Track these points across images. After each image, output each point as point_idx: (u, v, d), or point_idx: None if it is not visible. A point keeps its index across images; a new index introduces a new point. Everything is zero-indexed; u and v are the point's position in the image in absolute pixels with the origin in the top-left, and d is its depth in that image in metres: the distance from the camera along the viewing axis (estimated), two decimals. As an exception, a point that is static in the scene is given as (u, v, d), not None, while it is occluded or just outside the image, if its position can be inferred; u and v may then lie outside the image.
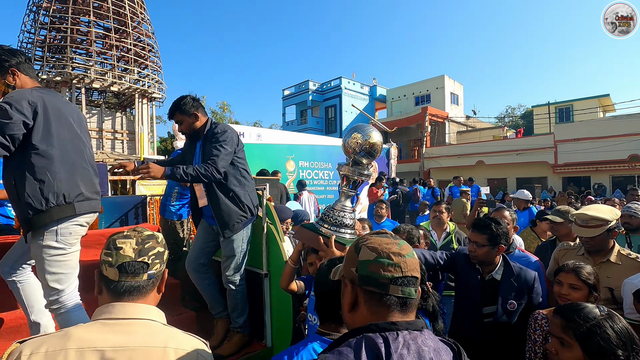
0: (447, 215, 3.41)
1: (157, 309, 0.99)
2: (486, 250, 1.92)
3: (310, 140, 10.20)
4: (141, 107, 19.71)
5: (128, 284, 0.94)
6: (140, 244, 0.98)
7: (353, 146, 1.82)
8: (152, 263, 0.97)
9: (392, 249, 0.82)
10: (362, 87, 28.86)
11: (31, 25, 18.24)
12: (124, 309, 0.92)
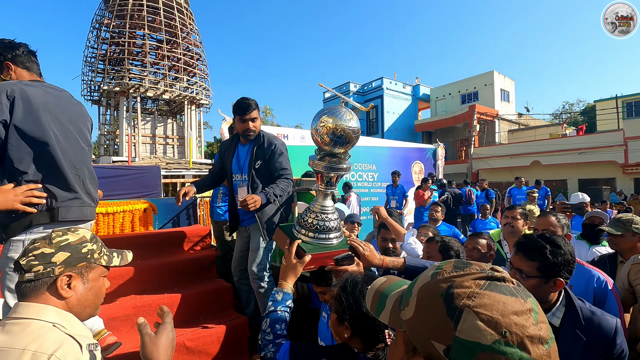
0: (523, 222, 2.75)
1: (59, 310, 0.96)
2: (535, 284, 1.35)
3: (354, 141, 10.03)
4: (190, 113, 20.71)
5: (20, 283, 0.97)
6: (31, 243, 0.99)
7: (323, 133, 1.44)
8: (27, 264, 0.95)
9: (526, 329, 0.48)
10: (405, 87, 28.13)
11: (94, 40, 19.91)
12: (26, 309, 0.93)
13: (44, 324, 0.90)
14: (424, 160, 10.74)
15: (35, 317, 0.91)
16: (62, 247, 0.98)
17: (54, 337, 0.87)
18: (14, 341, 0.84)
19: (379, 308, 0.65)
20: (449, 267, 0.57)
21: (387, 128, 26.40)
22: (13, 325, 0.89)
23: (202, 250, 2.97)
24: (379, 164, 9.95)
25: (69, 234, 1.03)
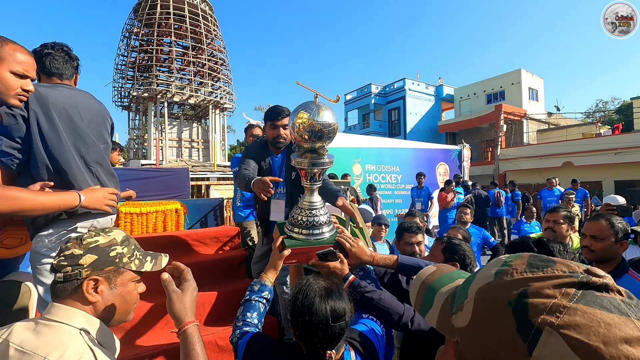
0: (567, 227, 2.55)
1: (88, 315, 0.95)
2: None
3: (377, 143, 9.94)
4: (214, 117, 21.19)
5: (53, 282, 0.96)
6: (65, 243, 1.00)
7: (301, 129, 1.45)
8: (58, 263, 0.95)
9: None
10: (427, 88, 27.68)
11: (124, 49, 20.74)
12: (58, 311, 0.93)
13: (71, 329, 0.90)
14: (449, 162, 10.51)
15: (64, 321, 0.91)
16: (91, 249, 0.96)
17: (76, 348, 0.86)
18: (39, 346, 0.84)
19: (425, 305, 0.52)
20: (520, 264, 0.43)
21: (409, 129, 26.04)
22: (44, 327, 0.89)
23: (231, 250, 3.02)
24: (402, 166, 9.82)
25: (100, 235, 1.00)
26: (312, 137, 1.46)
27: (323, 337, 1.07)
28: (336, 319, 1.08)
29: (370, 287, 1.39)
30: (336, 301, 1.10)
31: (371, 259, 1.51)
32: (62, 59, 1.77)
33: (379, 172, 9.23)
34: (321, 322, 1.06)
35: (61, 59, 1.76)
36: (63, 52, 1.77)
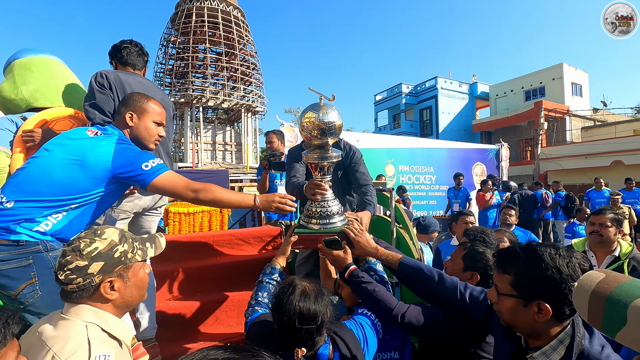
0: (615, 230, 2.34)
1: (96, 309, 1.01)
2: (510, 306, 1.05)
3: (410, 143, 9.78)
4: (246, 120, 21.72)
5: (61, 290, 1.02)
6: (63, 256, 1.01)
7: (309, 128, 1.60)
8: (66, 279, 0.99)
9: None
10: (461, 86, 26.86)
11: (163, 57, 21.76)
12: (69, 308, 1.01)
13: (79, 323, 0.97)
14: (486, 162, 10.14)
15: (74, 317, 0.99)
16: (94, 257, 1.00)
17: (76, 341, 0.92)
18: (52, 337, 0.93)
19: (612, 322, 0.44)
20: None
21: (442, 129, 25.38)
22: (61, 321, 0.98)
23: (273, 250, 3.08)
24: (437, 166, 9.59)
25: (97, 240, 1.02)
26: (319, 134, 1.60)
27: (291, 335, 1.16)
28: (303, 322, 1.13)
29: (367, 279, 1.45)
30: (309, 304, 1.16)
31: (375, 251, 1.56)
32: (136, 52, 2.11)
33: (412, 172, 9.07)
34: (288, 321, 1.15)
35: (135, 52, 2.10)
36: (137, 48, 2.12)
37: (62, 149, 1.42)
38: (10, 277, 1.26)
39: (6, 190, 1.34)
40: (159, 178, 1.47)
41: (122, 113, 1.61)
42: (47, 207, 1.34)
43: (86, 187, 1.40)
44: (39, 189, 1.34)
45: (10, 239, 1.27)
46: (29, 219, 1.30)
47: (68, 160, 1.39)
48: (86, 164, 1.39)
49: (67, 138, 1.47)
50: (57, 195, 1.35)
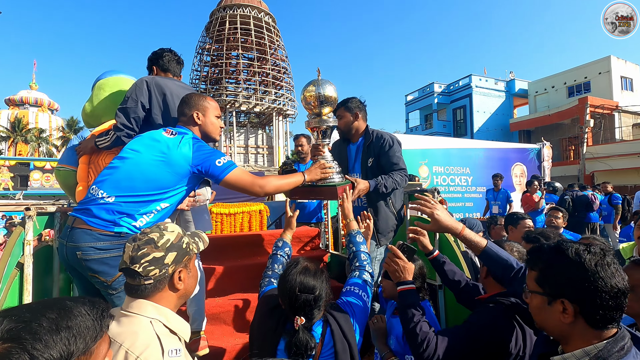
0: None
1: (158, 306, 1.03)
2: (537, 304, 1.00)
3: (445, 143, 9.53)
4: (277, 124, 22.11)
5: (129, 286, 1.04)
6: (136, 250, 1.03)
7: (310, 99, 1.96)
8: (144, 270, 1.01)
9: None
10: (497, 83, 25.84)
11: (198, 64, 22.68)
12: (131, 303, 1.02)
13: (143, 319, 1.00)
14: (526, 162, 9.69)
15: (137, 312, 1.01)
16: (169, 248, 1.05)
17: (146, 336, 0.95)
18: (120, 334, 0.94)
19: None
20: None
21: (477, 129, 24.52)
22: (123, 317, 1.00)
23: (312, 250, 3.11)
24: (473, 167, 9.27)
25: (165, 233, 1.08)
26: (317, 104, 1.97)
27: (291, 302, 1.30)
28: (303, 291, 1.30)
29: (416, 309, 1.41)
30: (308, 278, 1.33)
31: (458, 229, 1.46)
32: (174, 61, 2.29)
33: (447, 174, 8.84)
34: (290, 289, 1.31)
35: (175, 61, 2.29)
36: (176, 56, 2.32)
37: (149, 149, 1.57)
38: (109, 265, 1.40)
39: (105, 187, 1.49)
40: (232, 174, 1.61)
41: (187, 114, 1.74)
42: (143, 202, 1.49)
43: (172, 182, 1.55)
44: (135, 185, 1.49)
45: (114, 231, 1.43)
46: (129, 215, 1.46)
47: (156, 159, 1.54)
48: (171, 161, 1.55)
49: (152, 139, 1.62)
50: (151, 190, 1.51)
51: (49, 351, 0.51)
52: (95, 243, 1.40)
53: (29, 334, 0.51)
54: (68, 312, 0.57)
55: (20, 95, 33.97)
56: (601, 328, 0.89)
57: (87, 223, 1.42)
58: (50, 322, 0.54)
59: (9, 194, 25.74)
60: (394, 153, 2.31)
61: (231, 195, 5.10)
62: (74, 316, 0.58)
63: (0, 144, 32.52)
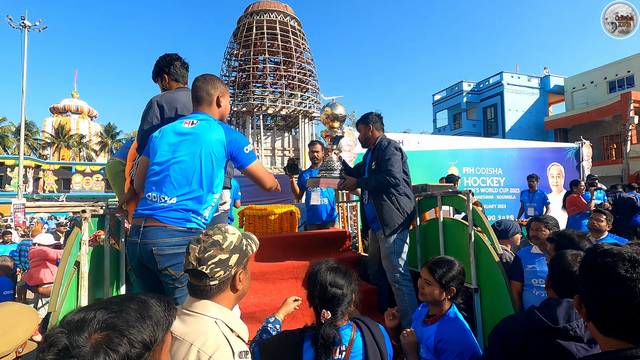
0: None
1: (220, 306, 1.05)
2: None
3: (476, 143, 9.26)
4: (303, 126, 22.30)
5: (194, 286, 1.06)
6: (202, 252, 1.04)
7: (327, 115, 2.76)
8: (211, 272, 1.03)
9: None
10: (530, 80, 24.80)
11: (226, 70, 23.29)
12: (194, 304, 1.04)
13: (208, 319, 1.01)
14: (564, 162, 9.24)
15: (201, 312, 1.03)
16: (232, 250, 1.07)
17: (215, 337, 0.96)
18: (187, 333, 0.96)
19: None
20: None
21: (508, 127, 23.64)
22: (187, 316, 1.02)
23: (342, 252, 3.14)
24: (505, 168, 8.97)
25: (228, 235, 1.10)
26: (332, 119, 2.75)
27: (321, 295, 1.34)
28: (332, 285, 1.35)
29: None
30: (337, 276, 1.38)
31: None
32: (183, 68, 2.22)
33: (478, 175, 8.60)
34: (321, 283, 1.35)
35: (182, 68, 2.21)
36: (183, 64, 2.23)
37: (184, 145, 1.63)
38: (181, 259, 1.45)
39: (162, 190, 1.59)
40: (255, 163, 1.69)
41: (212, 95, 1.76)
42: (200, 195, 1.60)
43: (216, 170, 1.63)
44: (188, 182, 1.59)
45: (186, 227, 1.56)
46: (195, 211, 1.58)
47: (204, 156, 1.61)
48: (209, 150, 1.61)
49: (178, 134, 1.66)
50: (203, 183, 1.60)
51: (141, 335, 0.58)
52: (170, 239, 1.52)
53: (123, 322, 0.57)
54: (145, 304, 0.63)
55: (63, 103, 36.28)
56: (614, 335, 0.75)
57: (161, 221, 1.54)
58: (135, 312, 0.60)
59: (53, 196, 27.60)
60: (385, 156, 2.56)
61: (262, 198, 5.22)
62: (150, 307, 0.63)
63: (46, 150, 34.82)
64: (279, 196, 5.35)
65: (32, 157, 28.73)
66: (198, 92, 1.77)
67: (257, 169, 1.73)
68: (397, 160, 2.52)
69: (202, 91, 1.76)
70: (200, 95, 1.76)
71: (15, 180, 23.81)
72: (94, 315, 0.56)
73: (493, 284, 2.01)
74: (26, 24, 18.52)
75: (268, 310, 2.48)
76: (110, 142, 38.78)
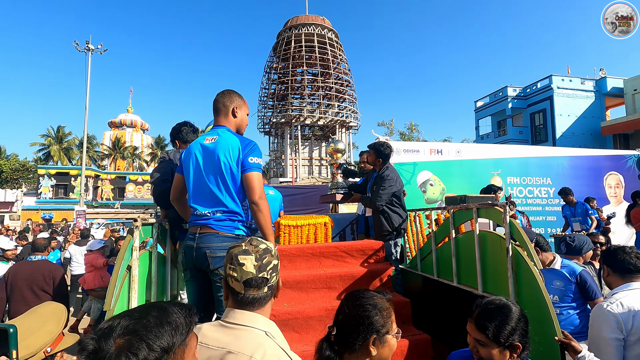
0: None
1: (266, 318, 1.05)
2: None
3: (521, 152, 8.80)
4: (341, 135, 22.42)
5: (252, 296, 1.03)
6: (259, 259, 1.04)
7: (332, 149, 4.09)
8: (270, 277, 1.04)
9: None
10: (583, 83, 23.16)
11: (266, 83, 24.14)
12: (241, 316, 1.01)
13: (258, 332, 0.99)
14: (623, 171, 8.51)
15: (250, 325, 1.00)
16: (277, 256, 1.10)
17: (273, 350, 0.94)
18: (242, 345, 0.93)
19: None
20: None
21: (559, 134, 22.15)
22: (235, 330, 0.99)
23: (376, 263, 3.13)
24: (555, 177, 8.43)
25: (268, 243, 1.11)
26: (335, 152, 4.17)
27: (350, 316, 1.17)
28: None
29: None
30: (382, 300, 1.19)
31: None
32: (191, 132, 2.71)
33: (524, 185, 8.17)
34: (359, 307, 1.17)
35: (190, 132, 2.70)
36: (191, 128, 2.75)
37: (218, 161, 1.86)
38: None
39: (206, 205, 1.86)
40: (254, 173, 1.85)
41: (228, 106, 2.00)
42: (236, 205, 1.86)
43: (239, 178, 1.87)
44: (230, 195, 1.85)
45: (234, 234, 1.84)
46: (239, 220, 1.86)
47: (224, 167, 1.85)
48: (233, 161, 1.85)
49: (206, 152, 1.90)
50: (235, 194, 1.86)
51: (159, 340, 0.63)
52: (221, 243, 1.79)
53: (142, 328, 0.63)
54: (165, 311, 0.69)
55: (119, 118, 39.52)
56: None
57: (214, 229, 1.82)
58: (155, 318, 0.66)
59: (110, 203, 29.94)
60: (380, 184, 3.38)
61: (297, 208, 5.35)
62: (170, 314, 0.69)
63: (104, 161, 38.00)
64: (314, 207, 5.45)
65: (92, 167, 31.44)
66: (216, 105, 2.02)
67: (254, 178, 1.85)
68: (386, 192, 3.35)
69: (220, 103, 2.01)
70: (218, 107, 2.01)
71: (78, 188, 26.19)
72: (119, 322, 0.63)
73: (533, 302, 1.93)
74: (90, 48, 20.53)
75: (301, 318, 2.54)
76: (160, 153, 41.51)
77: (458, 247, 2.65)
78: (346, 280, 2.90)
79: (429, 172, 7.83)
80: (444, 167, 8.05)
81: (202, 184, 1.88)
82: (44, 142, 37.46)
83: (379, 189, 3.34)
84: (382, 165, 3.51)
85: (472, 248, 2.41)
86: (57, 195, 28.27)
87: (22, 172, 35.58)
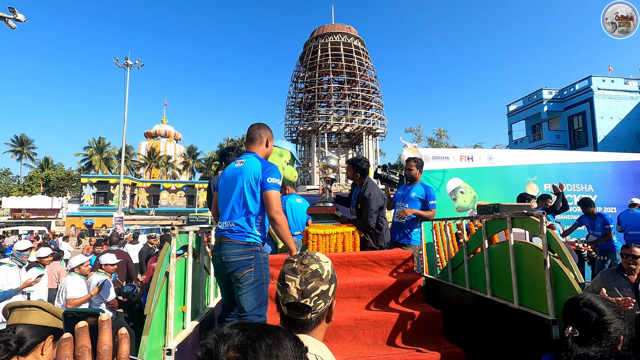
0: None
1: (316, 341, 0.99)
2: None
3: (559, 157, 8.40)
4: (367, 143, 22.33)
5: (294, 320, 0.99)
6: (304, 284, 0.99)
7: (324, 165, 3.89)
8: (314, 305, 0.97)
9: None
10: (627, 83, 21.84)
11: (293, 92, 24.52)
12: None
13: (310, 356, 0.93)
14: (662, 177, 7.95)
15: None
16: (330, 280, 1.02)
17: None
18: None
19: None
20: None
21: (601, 138, 20.93)
22: None
23: (405, 273, 3.09)
24: (597, 184, 8.01)
25: (323, 264, 1.05)
26: (326, 168, 3.86)
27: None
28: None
29: None
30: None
31: None
32: (235, 156, 3.09)
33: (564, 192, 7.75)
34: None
35: (235, 156, 3.06)
36: (236, 153, 3.26)
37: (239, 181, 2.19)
38: (242, 265, 2.06)
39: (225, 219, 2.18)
40: (272, 191, 2.13)
41: (263, 137, 2.35)
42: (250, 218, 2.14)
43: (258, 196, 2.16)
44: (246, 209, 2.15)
45: (246, 241, 2.10)
46: (250, 231, 2.13)
47: (246, 186, 2.16)
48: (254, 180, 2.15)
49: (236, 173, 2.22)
50: (255, 209, 2.15)
51: None
52: (234, 250, 2.07)
53: (252, 351, 0.61)
54: (280, 342, 0.65)
55: (154, 129, 41.47)
56: None
57: (229, 237, 2.11)
58: (267, 346, 0.62)
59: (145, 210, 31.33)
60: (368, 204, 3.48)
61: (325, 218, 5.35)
62: (283, 348, 0.64)
63: (140, 170, 39.93)
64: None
65: (129, 176, 33.10)
66: (252, 134, 2.34)
67: (272, 196, 2.13)
68: (375, 212, 3.47)
69: (256, 133, 2.33)
70: (254, 136, 2.33)
71: (116, 196, 27.62)
72: (237, 334, 0.62)
73: (574, 317, 1.83)
74: (128, 63, 21.77)
75: (331, 328, 2.55)
76: (192, 162, 43.04)
77: (491, 258, 2.56)
78: (375, 290, 2.88)
79: (459, 179, 7.63)
80: (475, 174, 7.82)
81: (225, 201, 2.22)
82: (86, 152, 40.00)
83: (368, 211, 3.45)
84: (361, 179, 3.70)
85: (507, 259, 2.33)
86: (98, 203, 29.96)
87: (67, 180, 38.09)
